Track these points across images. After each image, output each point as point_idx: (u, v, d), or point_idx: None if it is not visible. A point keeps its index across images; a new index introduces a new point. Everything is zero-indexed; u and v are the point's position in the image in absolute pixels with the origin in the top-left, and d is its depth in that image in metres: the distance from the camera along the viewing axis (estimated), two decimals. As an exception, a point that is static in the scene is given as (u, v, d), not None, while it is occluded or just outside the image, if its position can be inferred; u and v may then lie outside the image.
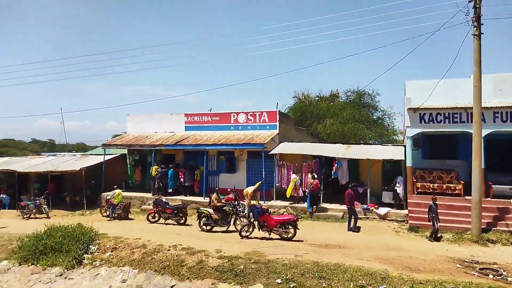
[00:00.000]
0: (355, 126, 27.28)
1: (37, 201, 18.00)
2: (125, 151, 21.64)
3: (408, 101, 14.14)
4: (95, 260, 10.41)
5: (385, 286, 8.00)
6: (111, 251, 10.75)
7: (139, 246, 10.70)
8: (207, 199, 17.00)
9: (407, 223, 13.58)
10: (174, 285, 8.83)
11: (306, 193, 15.45)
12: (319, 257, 9.55)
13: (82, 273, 10.02)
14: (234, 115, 18.88)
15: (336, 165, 15.16)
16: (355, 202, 15.04)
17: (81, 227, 11.73)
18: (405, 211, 14.20)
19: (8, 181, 21.78)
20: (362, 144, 20.80)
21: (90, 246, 11.02)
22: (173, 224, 14.67)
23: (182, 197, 17.72)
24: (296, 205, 15.57)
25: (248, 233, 11.82)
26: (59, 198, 20.19)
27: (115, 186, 16.87)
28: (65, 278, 9.97)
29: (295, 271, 8.67)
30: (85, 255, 10.63)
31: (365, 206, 14.68)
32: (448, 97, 14.11)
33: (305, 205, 15.41)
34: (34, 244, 11.08)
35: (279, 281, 8.39)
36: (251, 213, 11.62)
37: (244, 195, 16.05)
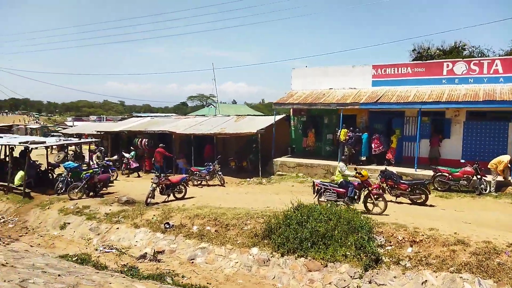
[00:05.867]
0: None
1: (210, 167, 16.16)
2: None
3: None
4: (400, 259, 7.59)
5: None
6: (411, 246, 7.87)
7: (452, 242, 7.64)
8: (423, 172, 13.62)
9: None
10: None
11: None
12: None
13: (394, 277, 7.24)
14: (448, 65, 14.71)
15: None
16: None
17: (349, 209, 8.98)
18: None
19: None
20: None
21: (375, 237, 8.25)
22: (407, 204, 11.57)
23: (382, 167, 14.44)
24: None
25: None
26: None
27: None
28: (369, 282, 7.31)
29: None
30: (378, 250, 7.89)
31: None
32: None
33: None
34: (295, 228, 8.59)
35: None
36: None
37: (490, 168, 12.37)
